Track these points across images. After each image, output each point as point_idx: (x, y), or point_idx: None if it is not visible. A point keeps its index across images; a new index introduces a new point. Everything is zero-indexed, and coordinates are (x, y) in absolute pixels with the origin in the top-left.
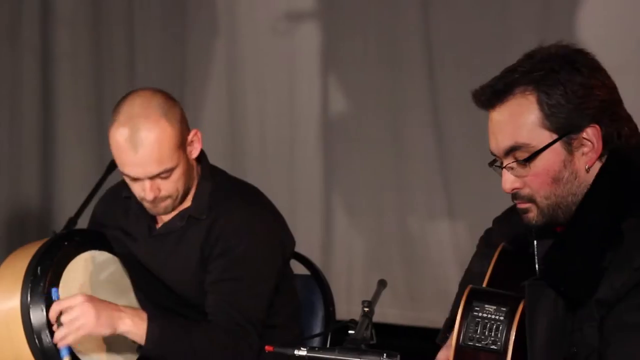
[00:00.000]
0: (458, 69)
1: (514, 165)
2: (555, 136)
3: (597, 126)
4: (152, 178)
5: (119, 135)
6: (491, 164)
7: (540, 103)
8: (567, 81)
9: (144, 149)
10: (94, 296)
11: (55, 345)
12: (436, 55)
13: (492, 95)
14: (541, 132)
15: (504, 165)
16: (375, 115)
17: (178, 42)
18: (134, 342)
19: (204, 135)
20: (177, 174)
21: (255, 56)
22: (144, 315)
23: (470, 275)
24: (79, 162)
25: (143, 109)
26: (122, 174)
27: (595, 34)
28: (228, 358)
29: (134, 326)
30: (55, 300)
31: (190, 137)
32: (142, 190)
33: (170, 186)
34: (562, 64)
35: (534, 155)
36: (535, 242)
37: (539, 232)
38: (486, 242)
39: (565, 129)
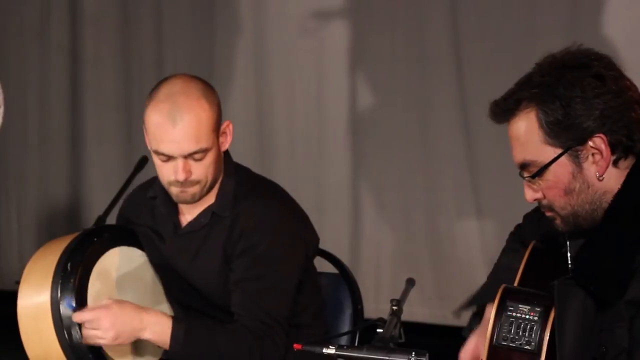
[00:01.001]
0: (486, 68)
1: (529, 179)
2: (559, 150)
3: (602, 135)
4: (186, 157)
5: (157, 111)
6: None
7: (539, 121)
8: (564, 96)
9: (182, 124)
10: (116, 308)
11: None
12: (464, 53)
13: (500, 112)
14: (545, 148)
15: (523, 178)
16: (403, 113)
17: (206, 40)
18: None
19: (233, 132)
20: (210, 158)
21: (283, 54)
22: (168, 322)
23: (499, 268)
24: (107, 160)
25: (184, 88)
26: (156, 154)
27: (623, 32)
28: (254, 357)
29: (157, 335)
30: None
31: (223, 128)
32: (174, 172)
33: (201, 170)
34: (561, 77)
35: (542, 170)
36: (568, 242)
37: (572, 233)
38: (516, 238)
39: (567, 143)
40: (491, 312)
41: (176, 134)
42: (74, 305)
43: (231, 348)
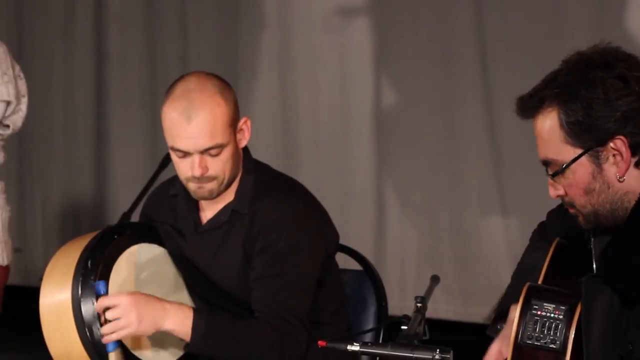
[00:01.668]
0: (511, 65)
1: (551, 176)
2: (579, 151)
3: (622, 137)
4: (202, 153)
5: (173, 108)
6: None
7: (561, 121)
8: (586, 97)
9: (197, 120)
10: (139, 295)
11: None
12: (489, 51)
13: (525, 109)
14: (566, 148)
15: (547, 174)
16: (428, 111)
17: (231, 38)
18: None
19: (256, 129)
20: (227, 153)
21: (307, 51)
22: (190, 313)
23: (523, 268)
24: (132, 157)
25: (198, 84)
26: (172, 150)
27: None
28: (275, 354)
29: (179, 325)
30: (102, 295)
31: (240, 124)
32: (190, 168)
33: (218, 166)
34: (584, 77)
35: (563, 169)
36: (592, 239)
37: (596, 229)
38: (540, 236)
39: (588, 144)
40: (515, 312)
41: (191, 130)
42: (94, 302)
43: (252, 342)
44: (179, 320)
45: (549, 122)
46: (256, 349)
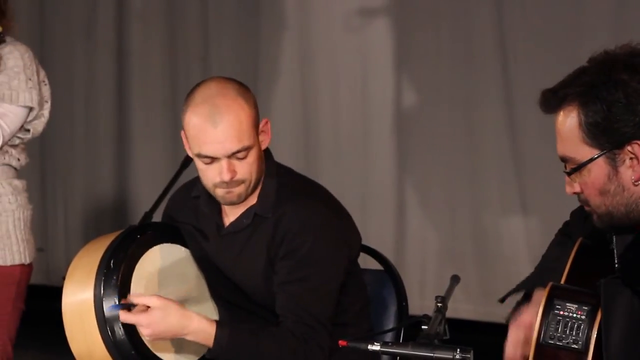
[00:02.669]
0: (532, 64)
1: (567, 173)
2: (596, 152)
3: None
4: (229, 157)
5: (197, 115)
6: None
7: (580, 121)
8: (607, 100)
9: (223, 124)
10: (169, 308)
11: (127, 337)
12: (510, 50)
13: (548, 104)
14: (583, 148)
15: (564, 171)
16: (448, 110)
17: (251, 38)
18: None
19: (277, 130)
20: (253, 155)
21: (328, 51)
22: (211, 329)
23: (546, 259)
24: (153, 157)
25: (219, 89)
26: (199, 157)
27: None
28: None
29: (199, 339)
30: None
31: (261, 126)
32: (219, 173)
33: (245, 169)
34: (607, 79)
35: (579, 168)
36: (614, 237)
37: (618, 228)
38: (563, 231)
39: (605, 146)
40: (541, 296)
41: (218, 135)
42: (117, 302)
43: (274, 352)
44: (200, 337)
45: (569, 121)
46: (279, 358)
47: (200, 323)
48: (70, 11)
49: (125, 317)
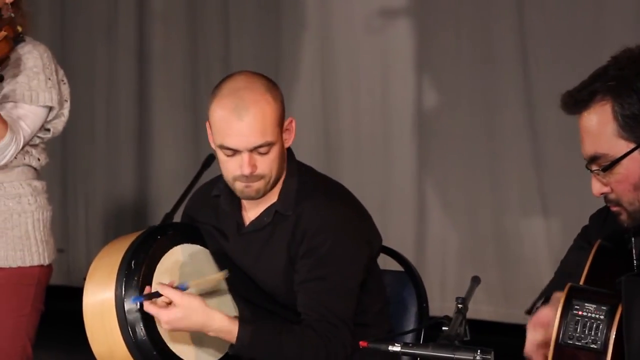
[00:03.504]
0: (553, 67)
1: (598, 172)
2: (632, 145)
3: None
4: (251, 151)
5: (223, 106)
6: (587, 166)
7: (615, 114)
8: None
9: (249, 117)
10: (191, 303)
11: (148, 337)
12: (531, 52)
13: (574, 104)
14: (618, 142)
15: (591, 171)
16: (469, 112)
17: (272, 38)
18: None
19: (297, 130)
20: (275, 152)
21: (349, 52)
22: (234, 327)
23: (566, 264)
24: (174, 158)
25: (247, 83)
26: (221, 148)
27: None
28: (321, 358)
29: (222, 335)
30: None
31: (286, 124)
32: (239, 166)
33: (266, 164)
34: (639, 70)
35: (613, 164)
36: (633, 239)
37: (637, 229)
38: (583, 237)
39: None
40: (559, 297)
41: (242, 128)
42: (137, 302)
43: (297, 350)
44: (222, 336)
45: (600, 116)
46: (301, 356)
47: (222, 322)
48: (91, 12)
49: (148, 307)
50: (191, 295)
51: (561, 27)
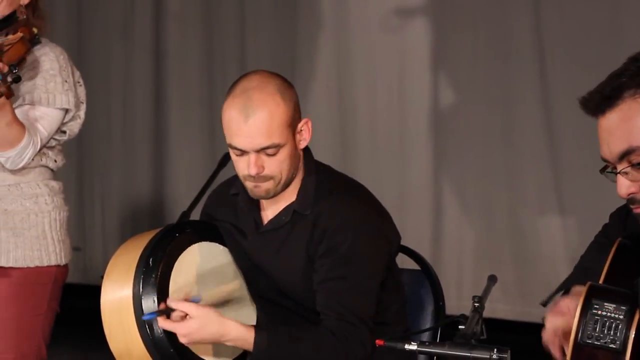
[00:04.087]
0: (570, 65)
1: (629, 169)
2: None
3: None
4: (258, 152)
5: (232, 106)
6: (602, 170)
7: None
8: None
9: (254, 119)
10: (209, 316)
11: (166, 335)
12: (547, 50)
13: (600, 101)
14: None
15: (618, 171)
16: (486, 110)
17: (288, 37)
18: None
19: (314, 130)
20: (284, 154)
21: (365, 51)
22: (250, 336)
23: (585, 260)
24: (190, 157)
25: (260, 83)
26: (230, 148)
27: None
28: (339, 358)
29: (239, 343)
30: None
31: (300, 126)
32: (247, 166)
33: (274, 166)
34: None
35: None
36: None
37: None
38: (603, 233)
39: None
40: (579, 291)
41: (248, 129)
42: (155, 300)
43: (314, 353)
44: (239, 344)
45: (632, 111)
46: (320, 358)
47: (238, 331)
48: (107, 12)
49: (163, 324)
50: (206, 307)
51: (578, 26)
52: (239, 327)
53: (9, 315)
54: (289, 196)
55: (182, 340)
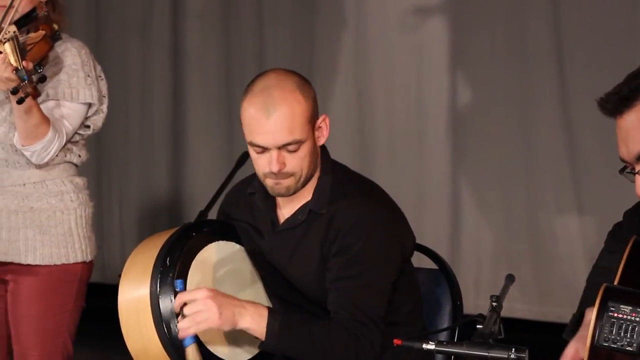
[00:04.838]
0: (588, 64)
1: None
2: None
3: None
4: (279, 148)
5: (252, 104)
6: (622, 170)
7: None
8: None
9: (276, 115)
10: (217, 291)
11: None
12: (566, 50)
13: (618, 102)
14: None
15: (636, 171)
16: (504, 110)
17: (307, 36)
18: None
19: (332, 129)
20: (305, 150)
21: (383, 50)
22: (265, 312)
23: (598, 271)
24: (209, 155)
25: (278, 81)
26: (251, 146)
27: None
28: (349, 355)
29: (254, 323)
30: (179, 291)
31: (319, 122)
32: (268, 163)
33: (295, 162)
34: None
35: None
36: None
37: None
38: (614, 237)
39: None
40: (591, 315)
41: (270, 125)
42: (172, 300)
43: (326, 344)
44: (254, 319)
45: None
46: (331, 351)
47: (255, 305)
48: (125, 10)
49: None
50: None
51: (597, 25)
52: (255, 303)
53: (36, 313)
54: (305, 195)
55: (209, 322)
